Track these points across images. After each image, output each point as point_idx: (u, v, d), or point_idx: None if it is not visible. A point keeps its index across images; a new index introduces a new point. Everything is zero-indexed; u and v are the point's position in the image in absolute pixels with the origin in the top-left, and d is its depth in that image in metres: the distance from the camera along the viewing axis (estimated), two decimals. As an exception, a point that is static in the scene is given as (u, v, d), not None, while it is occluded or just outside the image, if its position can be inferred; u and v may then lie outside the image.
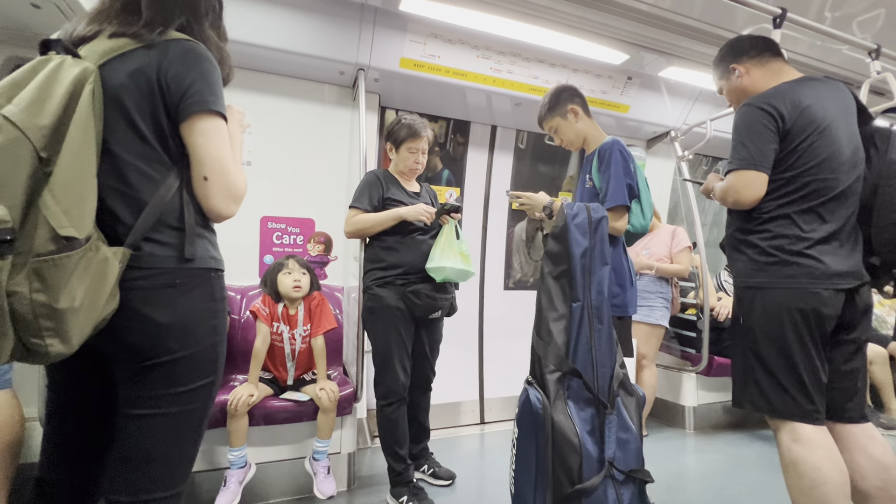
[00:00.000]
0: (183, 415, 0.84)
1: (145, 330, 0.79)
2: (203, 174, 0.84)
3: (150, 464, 0.82)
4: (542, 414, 1.23)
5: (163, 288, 0.81)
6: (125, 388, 0.82)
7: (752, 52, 1.38)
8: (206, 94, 0.84)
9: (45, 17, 1.59)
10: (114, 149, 0.79)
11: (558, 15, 2.08)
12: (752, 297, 1.29)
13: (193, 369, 0.85)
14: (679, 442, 2.60)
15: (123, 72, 0.80)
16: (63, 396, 0.88)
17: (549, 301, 1.34)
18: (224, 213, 0.88)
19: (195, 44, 0.86)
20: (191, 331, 0.84)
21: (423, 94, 2.50)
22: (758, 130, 1.24)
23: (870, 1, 2.06)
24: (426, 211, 1.80)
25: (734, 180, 1.28)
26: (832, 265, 1.20)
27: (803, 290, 1.20)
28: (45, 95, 0.68)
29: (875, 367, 2.85)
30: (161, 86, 0.82)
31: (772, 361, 1.24)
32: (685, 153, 2.86)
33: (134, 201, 0.80)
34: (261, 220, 2.32)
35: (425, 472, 2.00)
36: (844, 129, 1.26)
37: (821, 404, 1.22)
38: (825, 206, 1.22)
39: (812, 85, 1.29)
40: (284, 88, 2.32)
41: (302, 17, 2.01)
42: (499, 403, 2.91)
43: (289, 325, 1.85)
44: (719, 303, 2.75)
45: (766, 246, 1.26)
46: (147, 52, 0.82)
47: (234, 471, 1.65)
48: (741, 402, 1.33)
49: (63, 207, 0.67)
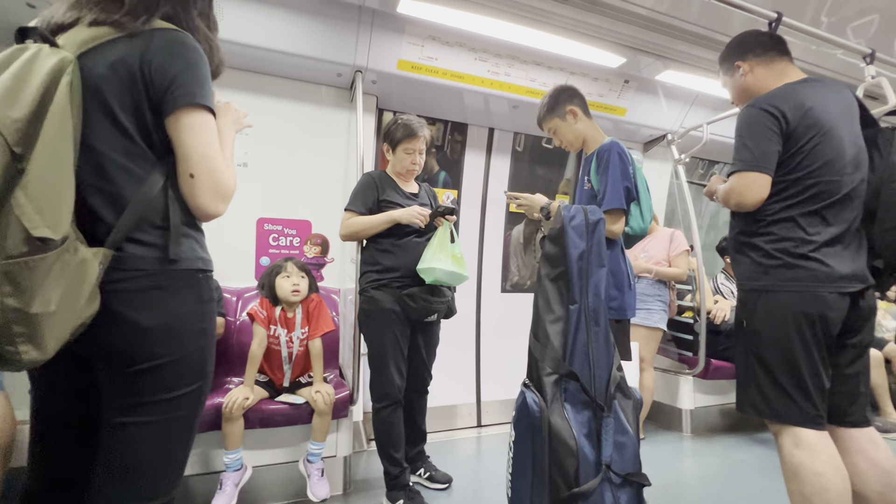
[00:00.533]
0: (170, 422, 0.81)
1: (129, 334, 0.76)
2: (189, 171, 0.80)
3: (138, 473, 0.79)
4: (539, 417, 1.23)
5: (147, 290, 0.77)
6: (109, 396, 0.79)
7: (758, 49, 1.37)
8: (193, 87, 0.79)
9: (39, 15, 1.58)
10: (94, 144, 0.75)
11: (555, 18, 2.09)
12: (756, 299, 1.28)
13: (181, 375, 0.81)
14: (676, 445, 2.59)
15: (104, 62, 0.75)
16: (47, 403, 0.85)
17: (546, 303, 1.34)
18: (211, 211, 0.84)
19: (182, 33, 0.82)
20: (177, 334, 0.80)
21: (421, 96, 2.50)
22: (760, 132, 1.24)
23: (864, 6, 2.08)
24: (420, 213, 1.79)
25: (736, 182, 1.27)
26: (837, 268, 1.19)
27: (808, 294, 1.19)
28: (19, 86, 0.63)
29: (872, 370, 2.85)
30: (144, 77, 0.77)
31: (775, 365, 1.23)
32: (682, 156, 2.87)
33: (116, 199, 0.76)
34: (257, 222, 2.31)
35: (422, 476, 1.99)
36: (847, 131, 1.25)
37: (823, 409, 1.21)
38: (829, 208, 1.21)
39: (815, 86, 1.28)
40: (282, 90, 2.31)
41: (300, 18, 2.01)
42: (496, 406, 2.90)
43: (286, 327, 1.84)
44: (716, 306, 2.76)
45: (771, 249, 1.25)
46: (130, 42, 0.77)
47: (230, 474, 1.64)
48: (743, 405, 1.32)
49: (37, 206, 0.63)
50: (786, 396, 1.22)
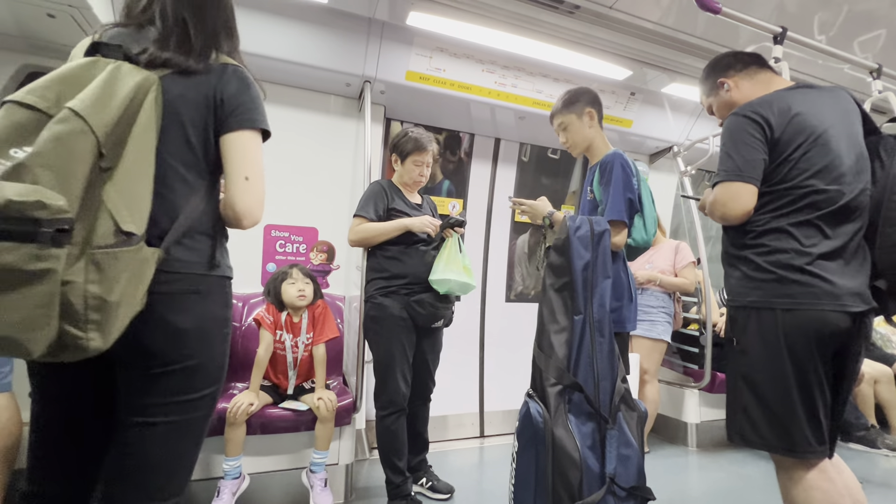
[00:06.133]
0: (189, 423, 0.84)
1: (166, 335, 0.79)
2: (245, 174, 0.89)
3: (152, 473, 0.80)
4: (543, 428, 1.22)
5: (187, 294, 0.82)
6: (132, 395, 0.80)
7: (738, 65, 1.33)
8: (254, 113, 0.91)
9: (59, 26, 1.62)
10: (164, 154, 0.82)
11: (562, 31, 2.12)
12: (747, 317, 1.18)
13: (205, 377, 0.85)
14: (681, 459, 2.56)
15: (182, 85, 0.85)
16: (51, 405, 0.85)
17: (551, 313, 1.34)
18: (255, 214, 0.92)
19: (242, 69, 0.93)
20: (207, 338, 0.85)
21: (428, 107, 2.53)
22: (743, 139, 1.17)
23: (871, 21, 2.09)
24: (431, 223, 1.82)
25: (720, 192, 1.20)
26: (839, 284, 1.09)
27: (804, 312, 1.10)
28: (109, 94, 0.70)
29: (880, 386, 2.81)
30: (216, 102, 0.87)
31: (765, 389, 1.14)
32: (688, 168, 2.88)
33: (171, 205, 0.82)
34: (264, 229, 2.33)
35: (423, 486, 1.98)
36: (845, 136, 1.17)
37: (817, 438, 1.11)
38: (826, 219, 1.12)
39: (805, 92, 1.22)
40: (292, 99, 2.35)
41: (311, 29, 2.05)
42: (499, 417, 2.88)
43: (292, 333, 1.85)
44: (721, 318, 2.74)
45: (762, 262, 1.16)
46: (206, 75, 0.88)
47: (228, 482, 1.63)
48: (731, 434, 1.21)
49: (125, 202, 0.70)
50: (776, 424, 1.12)
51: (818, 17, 2.04)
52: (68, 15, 1.56)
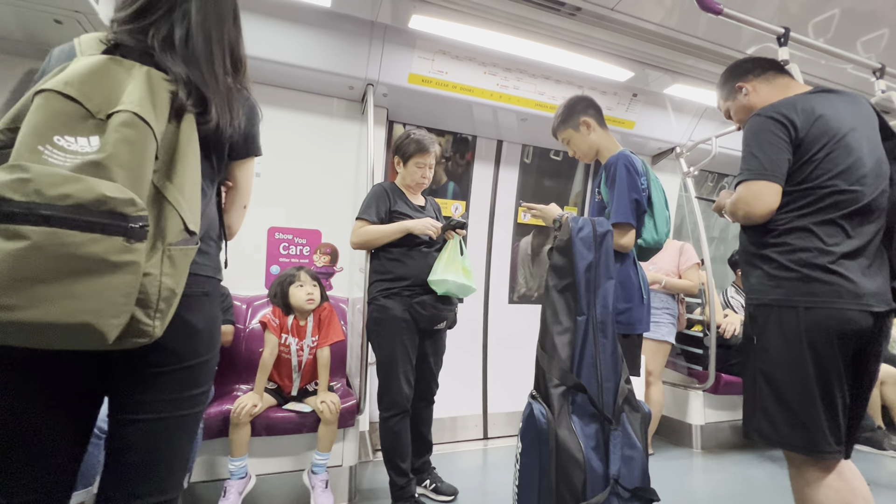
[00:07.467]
0: (190, 417, 0.86)
1: (183, 334, 0.82)
2: (245, 203, 1.01)
3: (154, 468, 0.81)
4: (547, 429, 1.22)
5: (200, 295, 0.86)
6: (131, 393, 0.80)
7: (756, 70, 1.36)
8: (258, 141, 0.99)
9: (66, 32, 1.64)
10: None
11: (564, 33, 2.12)
12: (768, 315, 1.18)
13: (209, 373, 0.89)
14: (686, 461, 2.55)
15: None
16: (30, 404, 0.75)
17: (554, 314, 1.34)
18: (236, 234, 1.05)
19: (252, 99, 0.98)
20: (213, 336, 0.90)
21: (431, 109, 2.54)
22: (768, 139, 1.18)
23: (873, 21, 2.08)
24: (433, 225, 1.82)
25: (744, 192, 1.20)
26: (861, 283, 1.10)
27: (826, 310, 1.10)
28: (154, 101, 0.73)
29: (887, 387, 2.79)
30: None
31: (785, 386, 1.14)
32: (691, 169, 2.87)
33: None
34: (268, 231, 2.34)
35: (427, 488, 1.98)
36: (865, 140, 1.19)
37: (835, 438, 1.12)
38: (848, 219, 1.13)
39: (826, 96, 1.24)
40: (295, 102, 2.36)
41: (314, 33, 2.07)
42: (502, 418, 2.88)
43: (297, 335, 1.86)
44: (726, 319, 2.73)
45: (785, 260, 1.16)
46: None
47: (234, 481, 1.64)
48: (749, 431, 1.23)
49: (188, 204, 0.74)
50: (795, 422, 1.12)
51: (820, 17, 2.04)
52: (75, 21, 1.58)
